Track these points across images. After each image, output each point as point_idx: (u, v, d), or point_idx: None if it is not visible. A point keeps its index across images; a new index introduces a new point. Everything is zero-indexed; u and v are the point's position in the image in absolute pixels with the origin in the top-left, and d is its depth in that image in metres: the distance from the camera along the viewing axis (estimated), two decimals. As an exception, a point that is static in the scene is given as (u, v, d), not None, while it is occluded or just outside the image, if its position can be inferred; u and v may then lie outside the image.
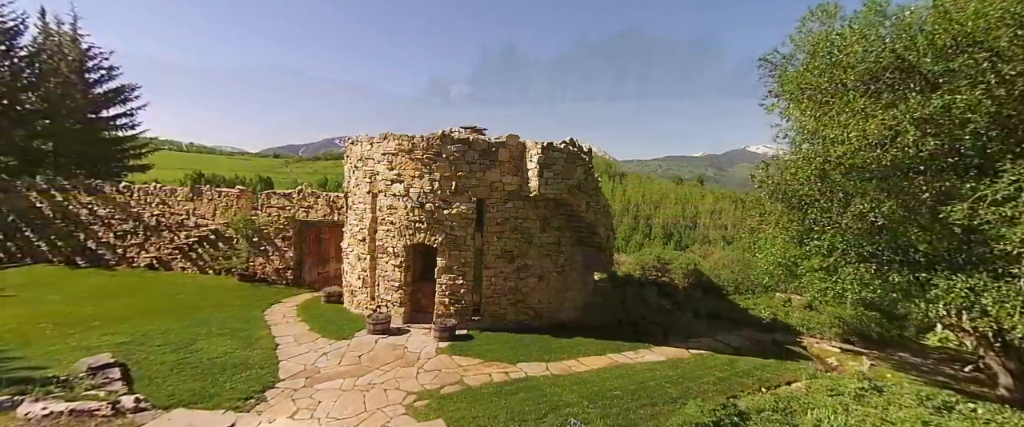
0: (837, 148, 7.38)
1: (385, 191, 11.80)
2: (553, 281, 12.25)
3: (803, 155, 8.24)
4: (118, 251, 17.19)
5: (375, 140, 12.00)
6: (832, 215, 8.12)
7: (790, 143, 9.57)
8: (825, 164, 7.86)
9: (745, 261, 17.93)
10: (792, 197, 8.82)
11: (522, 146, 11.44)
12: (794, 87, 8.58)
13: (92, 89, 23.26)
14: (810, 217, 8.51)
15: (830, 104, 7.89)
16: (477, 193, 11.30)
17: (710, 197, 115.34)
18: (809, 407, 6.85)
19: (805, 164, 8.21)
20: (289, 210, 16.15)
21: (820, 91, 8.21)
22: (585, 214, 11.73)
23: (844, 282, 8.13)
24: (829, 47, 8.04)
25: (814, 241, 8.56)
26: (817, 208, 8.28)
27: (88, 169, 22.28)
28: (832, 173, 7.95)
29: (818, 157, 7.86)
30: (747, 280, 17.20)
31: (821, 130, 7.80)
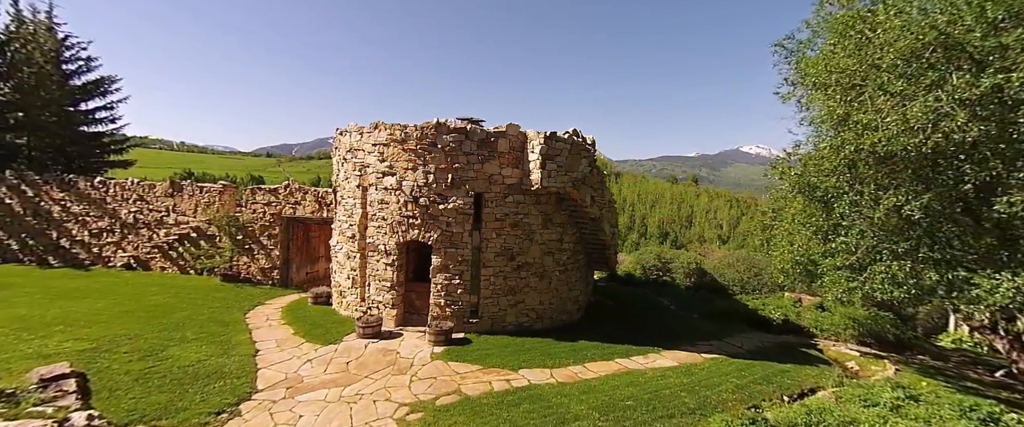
0: (871, 135, 6.73)
1: (376, 185, 11.02)
2: (555, 280, 11.54)
3: (829, 144, 7.58)
4: (93, 250, 16.26)
5: (365, 130, 11.22)
6: (861, 209, 7.48)
7: (813, 132, 8.91)
8: (856, 153, 7.22)
9: (750, 260, 17.34)
10: (816, 190, 8.16)
11: (523, 136, 10.71)
12: (820, 71, 7.90)
13: (69, 80, 22.21)
14: (837, 212, 7.85)
15: (862, 88, 7.24)
16: (475, 186, 10.56)
17: (705, 196, 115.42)
18: (845, 422, 6.18)
19: (833, 154, 7.55)
20: (275, 206, 15.31)
21: (848, 74, 7.54)
22: (590, 209, 11.03)
23: (873, 282, 7.49)
24: (860, 24, 7.38)
25: (841, 238, 7.90)
26: (845, 202, 7.62)
27: (64, 164, 21.26)
28: (863, 163, 7.30)
29: (849, 145, 7.21)
30: (753, 280, 16.61)
31: (852, 116, 7.14)
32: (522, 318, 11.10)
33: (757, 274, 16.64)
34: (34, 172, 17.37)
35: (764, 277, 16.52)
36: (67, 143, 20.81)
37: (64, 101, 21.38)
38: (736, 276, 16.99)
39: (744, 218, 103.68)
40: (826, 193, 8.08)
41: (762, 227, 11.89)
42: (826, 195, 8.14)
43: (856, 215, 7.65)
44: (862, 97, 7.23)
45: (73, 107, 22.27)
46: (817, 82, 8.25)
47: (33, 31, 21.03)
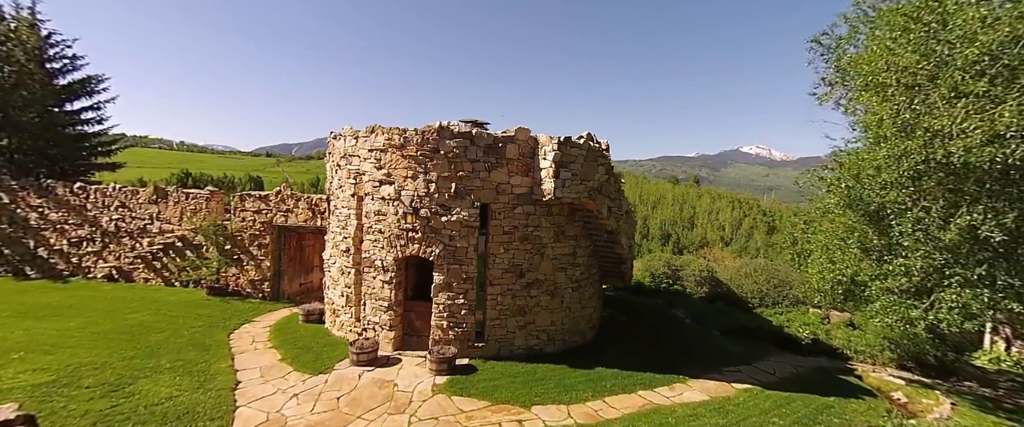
0: (945, 145, 5.77)
1: (372, 194, 10.05)
2: (568, 298, 10.57)
3: (888, 153, 6.61)
4: (72, 260, 15.29)
5: (360, 134, 10.25)
6: (926, 228, 6.52)
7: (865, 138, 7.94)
8: (924, 164, 6.26)
9: (770, 270, 16.37)
10: (869, 205, 7.20)
11: (534, 141, 9.74)
12: (875, 69, 6.93)
13: (53, 80, 21.24)
14: (896, 230, 6.89)
15: (930, 89, 6.28)
16: (481, 196, 9.59)
17: (707, 197, 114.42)
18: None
19: (893, 164, 6.60)
20: (266, 214, 14.33)
21: (911, 72, 6.58)
22: (606, 221, 10.06)
23: (941, 312, 6.54)
24: (928, 16, 6.42)
25: (899, 260, 6.94)
26: (908, 219, 6.66)
27: (48, 167, 20.29)
28: (932, 175, 6.34)
29: (914, 156, 6.25)
30: (773, 292, 15.63)
31: (919, 122, 6.18)
32: (532, 341, 10.13)
33: (778, 286, 15.68)
34: (11, 177, 16.40)
35: (785, 289, 15.56)
36: (49, 145, 19.80)
37: (47, 101, 20.38)
38: (755, 288, 16.02)
39: (746, 219, 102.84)
40: (882, 208, 7.11)
41: (792, 240, 10.93)
42: (882, 210, 7.17)
43: (920, 234, 6.67)
44: (930, 99, 6.27)
45: (57, 107, 21.29)
46: (870, 82, 7.28)
47: (14, 28, 20.04)
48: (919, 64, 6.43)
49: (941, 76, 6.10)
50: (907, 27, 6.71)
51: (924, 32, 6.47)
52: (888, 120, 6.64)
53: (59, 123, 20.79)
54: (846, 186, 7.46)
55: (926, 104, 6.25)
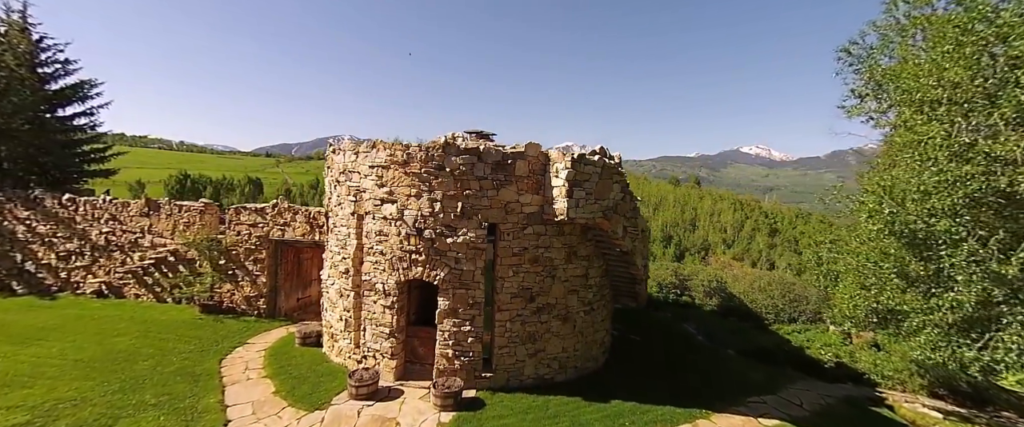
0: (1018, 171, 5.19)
1: (373, 213, 9.45)
2: (580, 323, 9.98)
3: (940, 178, 6.02)
4: (61, 275, 14.69)
5: (361, 149, 9.66)
6: (984, 261, 5.93)
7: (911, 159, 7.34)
8: (982, 191, 5.68)
9: (785, 284, 15.77)
10: (915, 232, 6.61)
11: (544, 157, 9.15)
12: (924, 86, 6.34)
13: (45, 85, 20.65)
14: (947, 261, 6.30)
15: (989, 109, 5.69)
16: (489, 216, 8.99)
17: (708, 199, 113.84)
18: None
19: (945, 190, 6.01)
20: (262, 228, 13.73)
21: (962, 90, 6.00)
22: (622, 242, 9.46)
23: (999, 353, 5.94)
24: (983, 27, 5.83)
25: (949, 294, 6.34)
26: (962, 250, 6.07)
27: (38, 175, 19.71)
28: (991, 204, 5.76)
29: (973, 182, 5.67)
30: (789, 307, 15.04)
31: (979, 146, 5.60)
32: (542, 369, 9.53)
33: (793, 300, 15.09)
34: (7, 184, 15.82)
35: (802, 304, 14.97)
36: (40, 153, 19.18)
37: (38, 107, 19.79)
38: (769, 303, 15.44)
39: (748, 222, 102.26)
40: (930, 237, 6.51)
41: (816, 259, 10.34)
42: (930, 239, 6.57)
43: (975, 267, 6.08)
44: (991, 121, 5.67)
45: (49, 113, 20.70)
46: (916, 98, 6.68)
47: (4, 32, 19.46)
48: (974, 81, 5.83)
49: (1004, 96, 5.51)
50: (959, 41, 6.10)
51: (980, 47, 5.87)
52: (939, 141, 6.04)
53: (51, 130, 20.18)
54: (890, 213, 6.87)
55: (986, 126, 5.67)
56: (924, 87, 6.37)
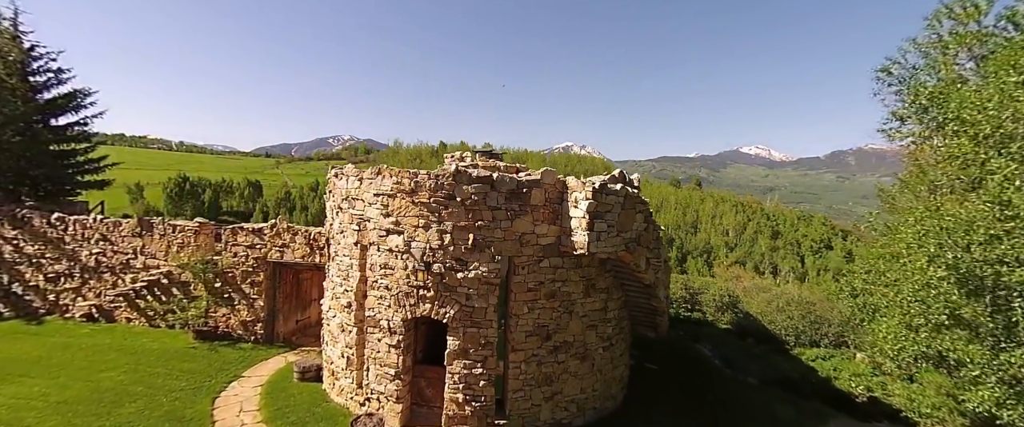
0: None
1: (378, 244, 8.82)
2: (598, 360, 9.34)
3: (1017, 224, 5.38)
4: (49, 298, 14.05)
5: (365, 175, 9.02)
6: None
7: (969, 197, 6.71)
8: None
9: (806, 305, 15.12)
10: (983, 279, 5.97)
11: (561, 185, 8.53)
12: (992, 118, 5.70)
13: (37, 94, 20.01)
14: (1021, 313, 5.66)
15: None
16: (502, 249, 8.35)
17: (710, 201, 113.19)
18: None
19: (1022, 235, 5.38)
20: (259, 249, 13.10)
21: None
22: (644, 275, 8.83)
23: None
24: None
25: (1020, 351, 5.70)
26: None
27: (30, 188, 19.07)
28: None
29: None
30: (811, 329, 14.38)
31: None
32: (560, 413, 8.90)
33: (815, 322, 14.46)
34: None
35: (824, 327, 14.33)
36: (32, 166, 18.52)
37: (30, 118, 19.14)
38: (789, 324, 14.80)
39: (750, 224, 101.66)
40: (1000, 286, 5.87)
41: (850, 291, 9.71)
42: (998, 286, 5.93)
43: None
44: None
45: (41, 123, 20.06)
46: (978, 131, 6.04)
47: (-6, 41, 18.82)
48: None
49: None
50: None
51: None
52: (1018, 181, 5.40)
53: (43, 141, 19.53)
54: (953, 257, 6.22)
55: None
56: (992, 119, 5.74)
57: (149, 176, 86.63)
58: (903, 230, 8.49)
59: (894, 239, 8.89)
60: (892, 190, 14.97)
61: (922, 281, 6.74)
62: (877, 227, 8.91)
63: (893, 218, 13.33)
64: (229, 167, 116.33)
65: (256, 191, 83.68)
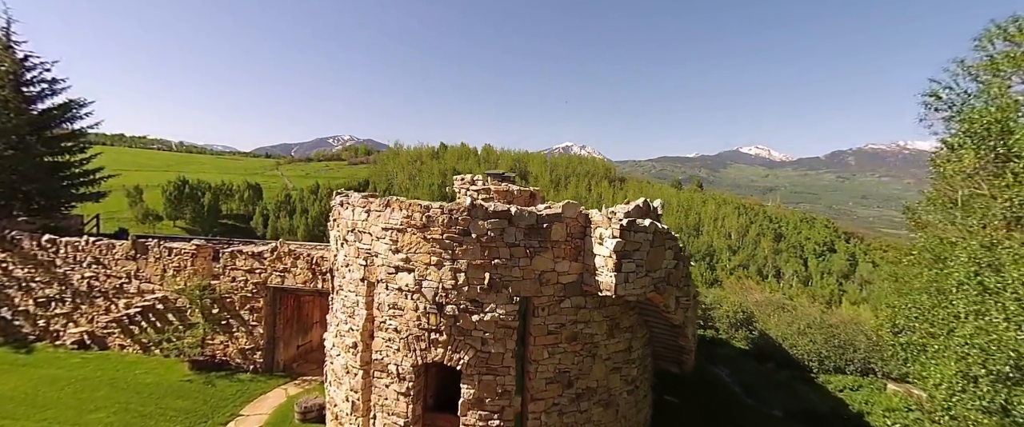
0: None
1: (387, 282, 8.19)
2: (623, 405, 8.72)
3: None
4: (39, 323, 13.46)
5: (373, 207, 8.39)
6: None
7: None
8: None
9: (829, 329, 14.47)
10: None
11: (583, 218, 7.90)
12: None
13: (31, 106, 19.40)
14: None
15: None
16: (520, 289, 7.73)
17: (712, 203, 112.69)
18: None
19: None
20: (259, 274, 12.51)
21: None
22: (674, 315, 8.20)
23: None
24: None
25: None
26: None
27: (22, 202, 18.45)
28: None
29: None
30: (835, 354, 13.75)
31: None
32: (582, 465, 8.27)
33: (839, 348, 13.84)
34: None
35: (849, 352, 13.71)
36: (24, 180, 17.89)
37: (22, 130, 18.52)
38: (811, 348, 14.17)
39: (753, 226, 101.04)
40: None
41: (891, 326, 9.08)
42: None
43: None
44: None
45: (35, 134, 19.43)
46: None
47: (-15, 52, 18.22)
48: None
49: None
50: None
51: None
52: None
53: (36, 154, 18.90)
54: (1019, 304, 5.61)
55: None
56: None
57: (149, 178, 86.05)
58: (954, 267, 7.87)
59: (943, 275, 8.27)
60: (917, 207, 14.35)
61: (981, 326, 6.13)
62: (923, 262, 8.29)
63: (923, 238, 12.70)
64: (229, 168, 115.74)
65: (256, 194, 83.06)
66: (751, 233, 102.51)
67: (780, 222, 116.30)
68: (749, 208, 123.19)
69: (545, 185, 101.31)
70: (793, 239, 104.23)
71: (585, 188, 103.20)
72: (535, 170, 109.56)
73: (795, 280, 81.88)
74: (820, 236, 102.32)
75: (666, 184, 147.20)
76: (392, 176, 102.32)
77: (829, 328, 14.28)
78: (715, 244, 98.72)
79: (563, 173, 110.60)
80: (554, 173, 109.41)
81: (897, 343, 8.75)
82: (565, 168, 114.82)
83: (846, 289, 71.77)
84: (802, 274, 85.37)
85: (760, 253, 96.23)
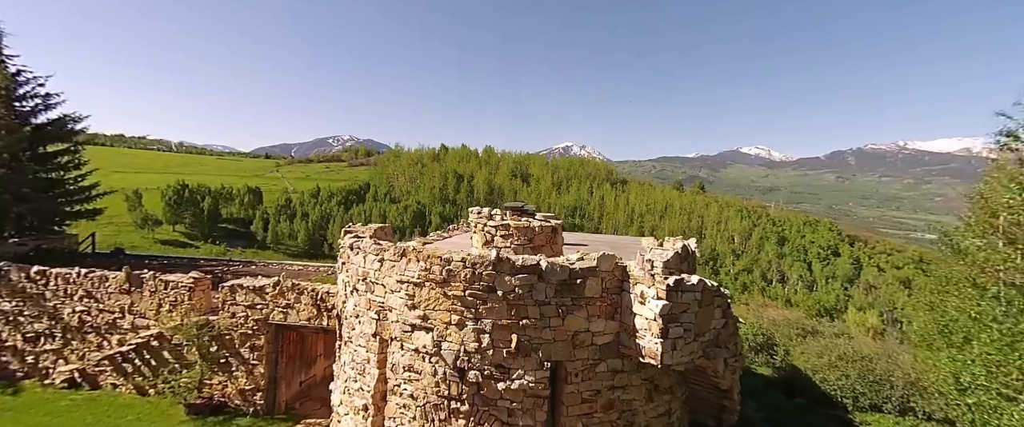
0: None
1: (402, 340, 7.42)
2: (661, 474, 7.94)
3: None
4: (27, 359, 12.67)
5: (387, 256, 7.61)
6: None
7: None
8: None
9: (862, 360, 13.66)
10: None
11: (621, 272, 7.14)
12: None
13: (24, 122, 18.63)
14: None
15: None
16: (552, 352, 6.96)
17: (714, 206, 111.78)
18: None
19: None
20: (261, 310, 11.72)
21: None
22: (721, 379, 7.43)
23: None
24: None
25: None
26: None
27: (14, 224, 17.70)
28: None
29: None
30: (871, 391, 12.92)
31: None
32: None
33: (875, 383, 13.04)
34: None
35: (886, 389, 12.90)
36: (15, 201, 17.12)
37: (15, 148, 17.74)
38: (846, 383, 13.38)
39: (756, 230, 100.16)
40: None
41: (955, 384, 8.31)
42: None
43: None
44: None
45: (28, 151, 18.68)
46: None
47: (-26, 66, 17.46)
48: None
49: None
50: None
51: None
52: None
53: (28, 172, 18.12)
54: None
55: None
56: None
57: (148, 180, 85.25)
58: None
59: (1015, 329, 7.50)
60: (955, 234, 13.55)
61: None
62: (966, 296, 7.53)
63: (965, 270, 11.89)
64: (229, 169, 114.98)
65: (256, 198, 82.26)
66: (754, 237, 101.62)
67: (783, 225, 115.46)
68: (752, 211, 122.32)
69: (547, 187, 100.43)
70: (797, 243, 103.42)
71: (587, 191, 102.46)
72: (536, 172, 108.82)
73: (800, 285, 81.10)
74: (824, 239, 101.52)
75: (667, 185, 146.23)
76: (393, 179, 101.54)
77: (863, 361, 13.52)
78: (718, 248, 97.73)
79: (565, 175, 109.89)
80: (556, 176, 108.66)
81: (964, 403, 7.97)
82: (566, 170, 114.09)
83: (851, 295, 70.94)
84: (807, 279, 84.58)
85: (764, 257, 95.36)
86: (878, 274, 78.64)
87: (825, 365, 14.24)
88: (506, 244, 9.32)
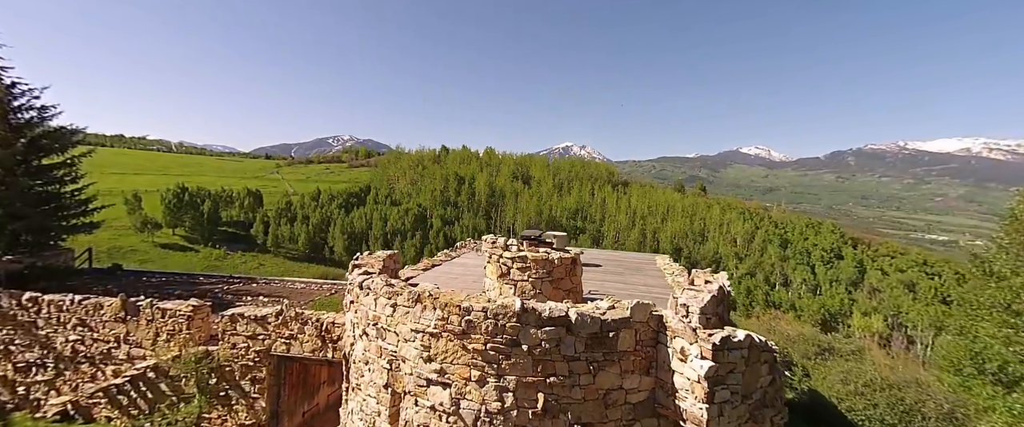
0: None
1: (416, 395, 6.82)
2: None
3: None
4: (18, 391, 12.09)
5: (400, 302, 7.01)
6: None
7: None
8: None
9: (892, 390, 13.07)
10: None
11: (656, 322, 6.54)
12: None
13: (19, 135, 18.01)
14: None
15: None
16: (582, 413, 6.36)
17: (716, 208, 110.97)
18: None
19: None
20: (263, 340, 11.14)
21: None
22: (764, 439, 6.82)
23: None
24: None
25: None
26: None
27: (9, 240, 17.08)
28: None
29: None
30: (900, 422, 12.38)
31: None
32: None
33: (905, 413, 12.45)
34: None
35: (916, 419, 12.32)
36: (9, 218, 16.51)
37: (9, 162, 17.13)
38: (874, 414, 12.79)
39: (759, 232, 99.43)
40: None
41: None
42: None
43: None
44: None
45: (25, 164, 18.06)
46: None
47: (-29, 78, 16.84)
48: None
49: None
50: None
51: None
52: None
53: (24, 187, 17.50)
54: None
55: None
56: None
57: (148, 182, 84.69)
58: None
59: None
60: (988, 255, 12.98)
61: None
62: None
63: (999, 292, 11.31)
64: (229, 170, 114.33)
65: (256, 201, 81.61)
66: (757, 239, 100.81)
67: (786, 227, 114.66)
68: (754, 213, 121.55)
69: (549, 190, 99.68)
70: (800, 245, 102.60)
71: (588, 193, 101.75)
72: (537, 174, 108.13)
73: (804, 288, 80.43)
74: (826, 242, 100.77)
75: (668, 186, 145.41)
76: (394, 181, 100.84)
77: (892, 390, 12.91)
78: (721, 250, 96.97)
79: (566, 177, 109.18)
80: (557, 177, 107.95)
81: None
82: (568, 172, 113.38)
83: (856, 298, 70.28)
84: (811, 282, 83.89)
85: (767, 260, 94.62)
86: (882, 277, 77.91)
87: (851, 393, 13.66)
88: (523, 277, 8.71)
